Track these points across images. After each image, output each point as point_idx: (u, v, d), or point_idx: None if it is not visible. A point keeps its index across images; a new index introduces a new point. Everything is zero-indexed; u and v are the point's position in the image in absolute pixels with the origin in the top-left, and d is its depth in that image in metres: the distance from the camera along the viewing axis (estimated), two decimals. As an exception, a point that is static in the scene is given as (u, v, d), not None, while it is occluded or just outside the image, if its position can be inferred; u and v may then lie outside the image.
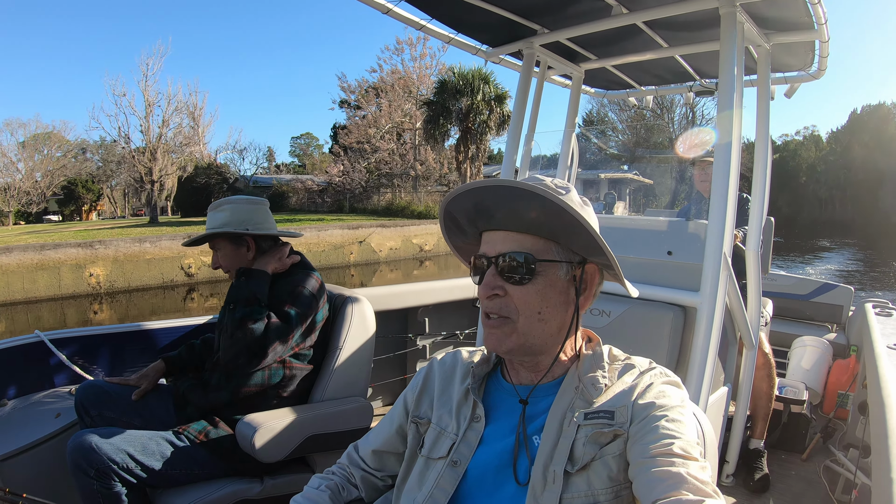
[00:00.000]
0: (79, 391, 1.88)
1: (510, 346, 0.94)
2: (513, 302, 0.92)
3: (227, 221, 1.96)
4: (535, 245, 0.92)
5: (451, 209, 0.99)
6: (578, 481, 0.86)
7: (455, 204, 0.97)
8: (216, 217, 2.00)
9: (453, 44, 2.60)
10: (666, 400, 0.89)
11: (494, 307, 0.93)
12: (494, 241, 0.95)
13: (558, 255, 0.94)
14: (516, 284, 0.91)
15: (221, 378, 1.86)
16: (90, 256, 14.67)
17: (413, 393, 1.12)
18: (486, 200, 0.92)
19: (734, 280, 2.00)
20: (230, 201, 2.04)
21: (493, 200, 0.91)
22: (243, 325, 1.77)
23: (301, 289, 1.92)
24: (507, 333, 0.93)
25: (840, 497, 2.41)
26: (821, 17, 2.00)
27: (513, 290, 0.92)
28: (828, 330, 4.18)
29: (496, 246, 0.94)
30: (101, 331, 2.45)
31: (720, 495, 0.73)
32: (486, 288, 0.92)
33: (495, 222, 0.95)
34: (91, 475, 1.54)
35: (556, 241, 0.94)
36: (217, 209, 2.02)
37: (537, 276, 0.92)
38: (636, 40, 2.57)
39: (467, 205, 0.95)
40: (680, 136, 3.53)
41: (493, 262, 0.93)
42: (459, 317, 3.56)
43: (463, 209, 0.97)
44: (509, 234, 0.93)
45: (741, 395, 2.46)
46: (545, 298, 0.93)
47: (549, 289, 0.93)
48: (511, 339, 0.93)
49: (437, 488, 0.95)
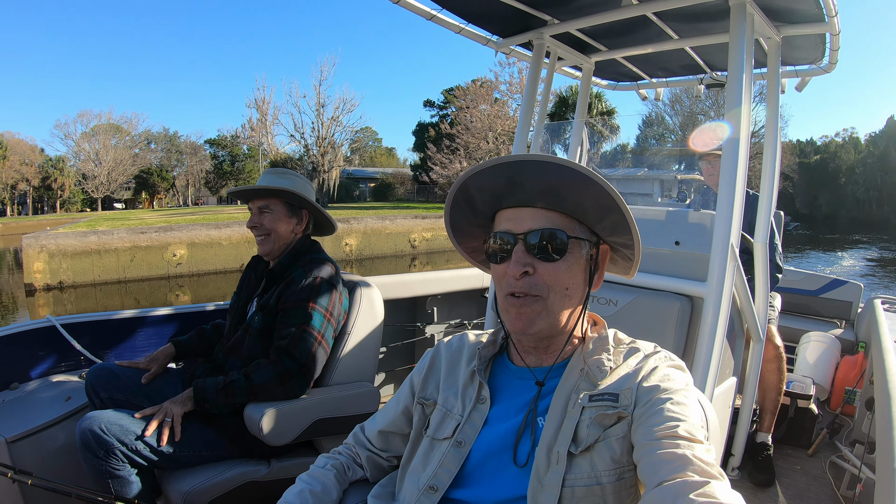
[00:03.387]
0: (89, 374, 1.90)
1: (541, 326, 0.93)
2: (542, 279, 0.91)
3: (293, 188, 1.95)
4: (564, 222, 0.92)
5: (471, 184, 0.97)
6: (582, 463, 0.86)
7: (481, 179, 0.95)
8: (279, 181, 1.96)
9: (463, 34, 2.58)
10: (670, 383, 0.89)
11: (524, 286, 0.91)
12: (521, 217, 0.93)
13: (582, 234, 0.94)
14: (548, 261, 0.91)
15: (236, 363, 1.87)
16: (347, 230, 19.41)
17: (420, 375, 1.14)
18: (521, 176, 0.90)
19: (741, 271, 2.00)
20: (291, 172, 2.02)
21: (529, 176, 0.90)
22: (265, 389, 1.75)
23: (319, 280, 1.89)
24: (538, 312, 0.92)
25: (845, 493, 2.40)
26: (831, 10, 1.98)
27: (543, 268, 0.91)
28: (836, 326, 4.15)
29: (524, 223, 0.92)
30: (112, 316, 2.48)
31: (725, 477, 0.73)
32: (516, 265, 0.90)
33: (525, 198, 0.93)
34: (100, 456, 1.56)
35: (579, 220, 0.94)
36: (279, 175, 1.98)
37: (568, 253, 0.91)
38: (646, 32, 2.55)
39: (500, 180, 0.93)
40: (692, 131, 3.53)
41: (521, 239, 0.92)
42: (468, 306, 3.56)
43: (490, 185, 0.95)
44: (538, 212, 0.92)
45: (748, 388, 2.46)
46: (573, 275, 0.93)
47: (575, 265, 0.93)
48: (542, 319, 0.92)
49: (442, 468, 0.96)
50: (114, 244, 15.26)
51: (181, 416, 1.69)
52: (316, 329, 1.82)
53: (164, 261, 15.96)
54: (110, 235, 15.33)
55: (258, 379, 1.74)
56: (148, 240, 15.71)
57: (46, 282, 14.23)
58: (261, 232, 1.95)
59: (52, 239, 14.46)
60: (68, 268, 14.48)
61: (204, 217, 20.71)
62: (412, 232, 21.72)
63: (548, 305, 0.92)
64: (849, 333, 3.96)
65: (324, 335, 1.85)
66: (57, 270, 14.36)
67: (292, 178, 2.00)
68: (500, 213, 0.98)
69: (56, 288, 14.39)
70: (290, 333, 1.80)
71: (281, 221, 1.96)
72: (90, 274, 14.83)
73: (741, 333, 2.32)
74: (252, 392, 1.73)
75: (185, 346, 2.11)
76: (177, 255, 16.06)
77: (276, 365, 1.76)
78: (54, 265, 14.30)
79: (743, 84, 1.94)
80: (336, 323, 1.94)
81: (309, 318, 1.82)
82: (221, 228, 17.21)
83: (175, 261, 16.09)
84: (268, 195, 1.96)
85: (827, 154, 58.61)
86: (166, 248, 15.98)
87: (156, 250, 15.81)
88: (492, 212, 1.00)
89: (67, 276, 14.49)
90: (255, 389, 1.73)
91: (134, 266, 15.52)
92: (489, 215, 1.01)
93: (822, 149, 60.23)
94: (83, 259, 14.73)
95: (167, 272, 15.97)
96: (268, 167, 33.99)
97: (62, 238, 14.61)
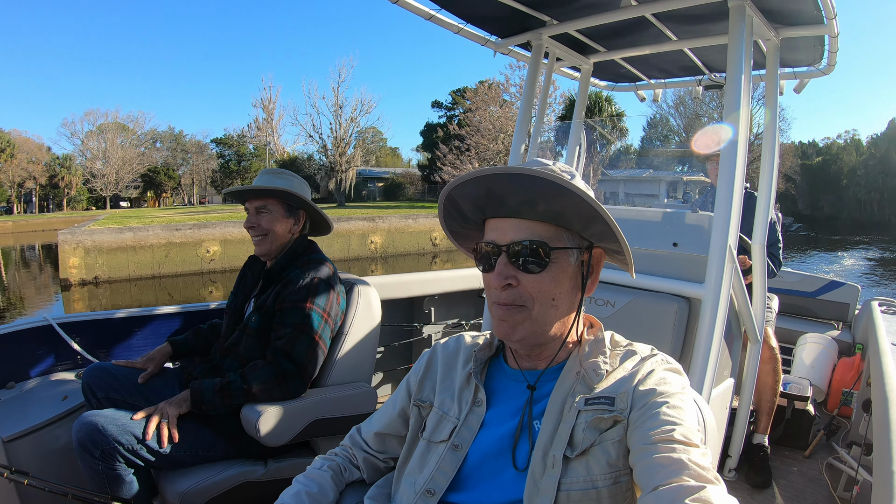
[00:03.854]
0: (86, 373, 1.89)
1: (523, 335, 0.93)
2: (526, 290, 0.91)
3: (290, 188, 1.95)
4: (548, 232, 0.91)
5: (455, 195, 0.97)
6: (577, 466, 0.86)
7: (462, 190, 0.95)
8: (276, 181, 1.96)
9: (462, 34, 2.58)
10: (667, 387, 0.88)
11: (508, 297, 0.91)
12: (504, 228, 0.92)
13: (569, 242, 0.93)
14: (530, 273, 0.90)
15: (233, 363, 1.87)
16: (372, 228, 20.57)
17: (416, 376, 1.13)
18: (500, 188, 0.90)
19: (739, 273, 2.00)
20: (287, 172, 2.02)
21: (509, 188, 0.89)
22: (263, 389, 1.75)
23: (316, 280, 1.89)
24: (520, 321, 0.92)
25: (842, 494, 2.41)
26: (830, 12, 1.98)
27: (526, 280, 0.90)
28: (833, 328, 4.15)
29: (507, 234, 0.92)
30: (110, 316, 2.47)
31: (721, 481, 0.73)
32: (499, 278, 0.90)
33: (506, 210, 0.92)
34: (96, 456, 1.55)
35: (566, 228, 0.93)
36: (277, 175, 1.98)
37: (551, 263, 0.91)
38: (645, 33, 2.55)
39: (479, 191, 0.92)
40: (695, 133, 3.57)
41: (503, 251, 0.91)
42: (465, 307, 3.56)
43: (471, 196, 0.94)
44: (521, 222, 0.91)
45: (745, 390, 2.46)
46: (559, 284, 0.92)
47: (561, 275, 0.92)
48: (524, 327, 0.92)
49: (439, 471, 0.95)
50: (149, 240, 15.78)
51: (177, 417, 1.68)
52: (313, 329, 1.82)
53: (198, 257, 16.73)
54: (146, 232, 15.87)
55: (255, 380, 1.73)
56: (182, 236, 16.49)
57: (82, 277, 14.76)
58: (258, 232, 1.94)
59: (89, 235, 14.96)
60: (104, 263, 15.03)
61: (232, 214, 21.92)
62: (434, 230, 22.67)
63: (532, 315, 0.92)
64: (846, 335, 3.97)
65: (321, 335, 1.85)
66: (92, 266, 14.88)
67: (289, 179, 1.99)
68: (488, 221, 0.97)
69: (91, 283, 14.87)
70: (288, 334, 1.79)
71: (279, 222, 1.95)
72: (125, 269, 15.38)
73: (738, 335, 2.32)
74: (249, 393, 1.73)
75: (182, 345, 2.11)
76: (210, 251, 16.90)
77: (273, 365, 1.76)
78: (90, 261, 14.82)
79: (742, 85, 1.94)
80: (333, 323, 1.93)
81: (306, 319, 1.82)
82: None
83: (209, 257, 16.89)
84: (265, 195, 1.96)
85: (829, 156, 59.85)
86: (200, 244, 16.76)
87: (190, 247, 16.57)
88: (479, 219, 0.99)
89: (103, 271, 15.02)
90: (252, 390, 1.73)
91: (168, 262, 16.06)
92: (479, 221, 1.00)
93: (824, 151, 61.38)
94: (118, 255, 15.28)
95: (200, 268, 16.74)
96: (275, 167, 35.00)
97: (98, 234, 15.12)
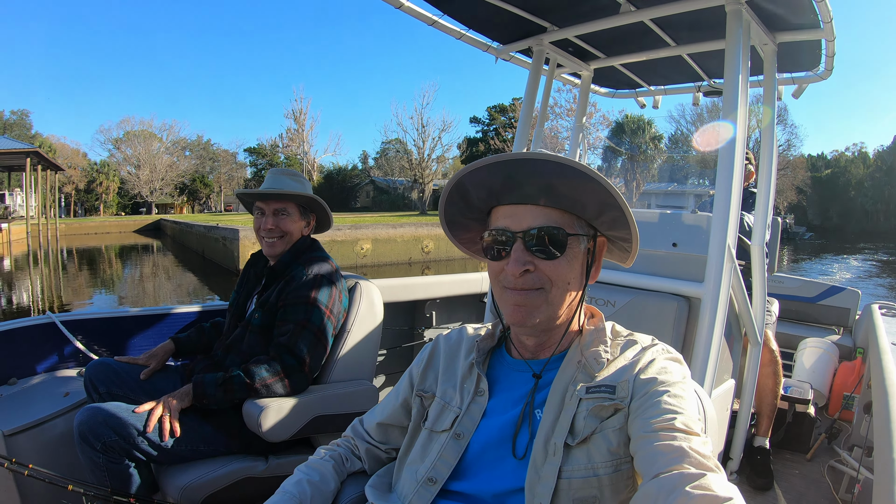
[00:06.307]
0: (88, 368, 1.90)
1: (541, 318, 0.94)
2: (544, 274, 0.92)
3: (310, 192, 2.00)
4: (562, 219, 0.93)
5: (467, 182, 0.97)
6: (578, 454, 0.86)
7: (477, 176, 0.95)
8: (293, 184, 2.00)
9: (464, 40, 2.61)
10: (668, 376, 0.89)
11: (525, 283, 0.92)
12: (520, 215, 0.93)
13: (580, 230, 0.95)
14: (549, 258, 0.91)
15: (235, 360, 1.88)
16: (425, 234, 22.04)
17: (419, 367, 1.14)
18: (519, 174, 0.91)
19: (739, 273, 2.01)
20: (296, 174, 2.06)
21: (528, 174, 0.90)
22: (265, 385, 1.76)
23: (319, 277, 1.91)
24: (538, 305, 0.93)
25: (843, 496, 2.40)
26: (826, 16, 2.00)
27: (543, 265, 0.92)
28: (834, 333, 4.15)
29: (522, 220, 0.92)
30: (112, 314, 2.48)
31: (721, 469, 0.73)
32: (516, 264, 0.91)
33: (521, 196, 0.93)
34: (97, 448, 1.55)
35: (577, 216, 0.94)
36: (291, 177, 2.02)
37: (567, 248, 0.92)
38: (645, 39, 2.58)
39: (498, 177, 0.93)
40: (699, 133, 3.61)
41: (519, 237, 0.92)
42: (466, 311, 3.57)
43: (487, 182, 0.95)
44: (537, 209, 0.92)
45: (745, 392, 2.46)
46: (573, 269, 0.94)
47: (574, 260, 0.94)
48: (541, 311, 0.93)
49: (441, 460, 0.96)
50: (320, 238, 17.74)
51: (178, 411, 1.69)
52: (316, 326, 1.83)
53: (354, 253, 19.54)
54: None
55: (258, 374, 1.74)
56: (343, 235, 19.31)
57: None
58: (277, 234, 1.97)
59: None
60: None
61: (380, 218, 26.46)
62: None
63: (549, 298, 0.93)
64: (846, 340, 3.97)
65: (323, 332, 1.86)
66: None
67: (305, 182, 2.04)
68: (497, 209, 0.98)
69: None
70: (290, 330, 1.81)
71: (295, 223, 2.01)
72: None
73: (739, 337, 2.33)
74: (251, 388, 1.73)
75: (184, 342, 2.12)
76: (364, 248, 19.81)
77: (275, 361, 1.77)
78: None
79: (739, 89, 1.96)
80: (336, 320, 1.95)
81: (309, 315, 1.83)
82: (397, 228, 21.49)
83: (362, 253, 19.76)
84: (286, 199, 1.99)
85: (837, 168, 63.43)
86: (356, 242, 19.62)
87: (348, 244, 19.37)
88: (487, 208, 1.00)
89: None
90: (254, 385, 1.73)
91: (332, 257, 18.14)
92: (485, 210, 1.01)
93: (833, 163, 64.95)
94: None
95: (356, 262, 19.43)
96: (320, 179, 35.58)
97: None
